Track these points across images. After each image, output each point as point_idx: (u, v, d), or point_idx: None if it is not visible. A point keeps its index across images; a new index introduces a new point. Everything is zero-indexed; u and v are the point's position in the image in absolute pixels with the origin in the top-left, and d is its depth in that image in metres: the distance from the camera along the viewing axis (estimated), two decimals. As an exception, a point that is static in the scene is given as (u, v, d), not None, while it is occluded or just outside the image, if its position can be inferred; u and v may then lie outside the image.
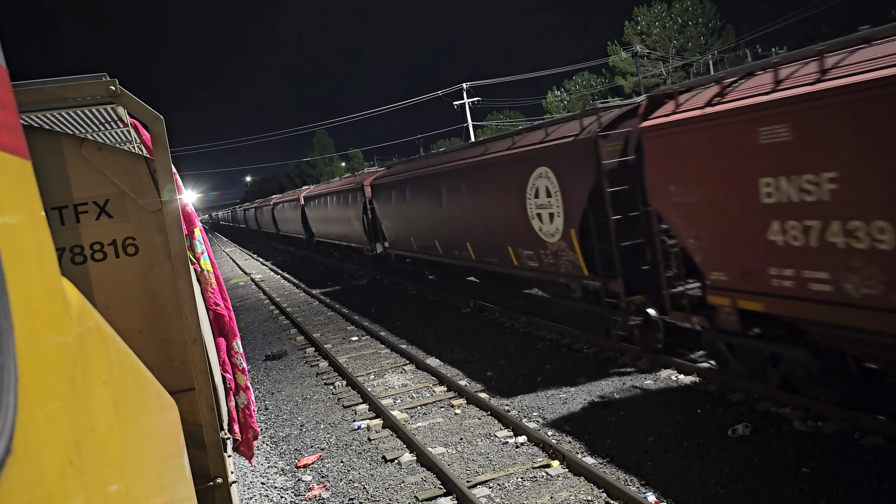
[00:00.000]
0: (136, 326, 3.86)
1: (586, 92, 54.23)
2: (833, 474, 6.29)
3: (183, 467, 2.14)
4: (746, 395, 8.29)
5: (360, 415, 10.08)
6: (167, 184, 3.84)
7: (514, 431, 8.39)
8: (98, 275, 3.78)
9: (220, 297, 4.59)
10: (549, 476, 7.12)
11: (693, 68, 45.63)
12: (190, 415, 3.82)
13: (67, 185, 3.72)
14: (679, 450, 7.26)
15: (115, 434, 1.15)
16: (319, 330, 16.71)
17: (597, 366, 10.50)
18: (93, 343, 1.08)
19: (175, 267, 3.85)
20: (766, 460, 6.73)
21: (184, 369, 3.91)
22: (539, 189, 11.52)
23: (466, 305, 16.50)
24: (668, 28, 47.98)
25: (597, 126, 10.00)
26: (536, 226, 11.86)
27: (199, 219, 4.48)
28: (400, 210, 19.57)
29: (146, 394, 1.62)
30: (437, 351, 12.87)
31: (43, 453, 0.75)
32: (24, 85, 3.48)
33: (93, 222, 3.78)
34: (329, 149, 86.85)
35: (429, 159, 18.84)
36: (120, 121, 4.43)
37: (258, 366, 14.10)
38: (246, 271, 35.46)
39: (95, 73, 3.58)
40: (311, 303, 21.56)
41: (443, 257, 17.28)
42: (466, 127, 45.72)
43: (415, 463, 8.05)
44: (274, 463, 8.83)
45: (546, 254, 11.87)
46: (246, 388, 4.74)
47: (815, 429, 7.21)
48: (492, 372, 11.05)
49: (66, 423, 0.84)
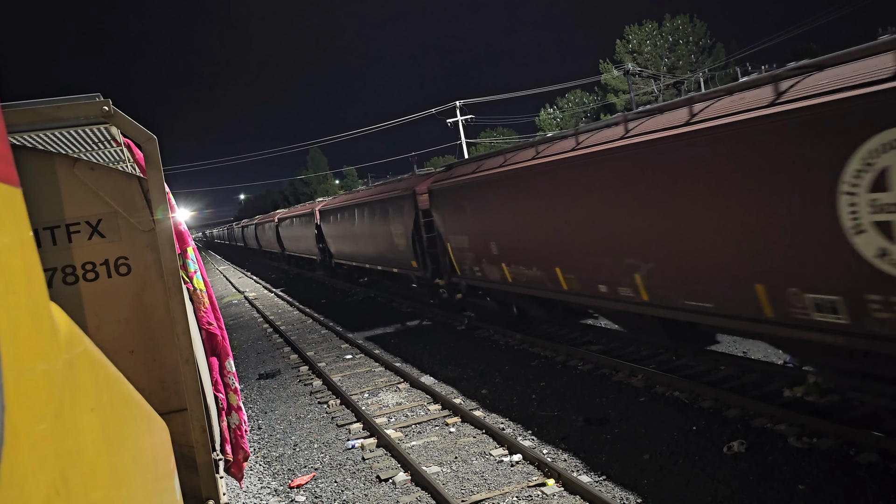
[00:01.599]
0: (127, 347, 3.84)
1: (579, 109, 54.66)
2: (829, 491, 6.27)
3: (173, 489, 2.12)
4: (742, 412, 8.28)
5: (354, 434, 10.01)
6: (160, 203, 3.84)
7: (510, 450, 8.34)
8: (90, 295, 3.76)
9: (213, 316, 4.58)
10: (544, 495, 7.07)
11: (684, 86, 46.10)
12: (182, 436, 3.79)
13: (60, 205, 3.72)
14: (674, 467, 7.23)
15: (102, 459, 1.14)
16: (313, 348, 16.63)
17: (591, 383, 10.47)
18: (81, 369, 1.07)
19: (167, 286, 3.84)
20: (761, 477, 6.71)
21: (176, 389, 3.88)
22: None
23: (461, 323, 16.46)
24: (659, 46, 48.53)
25: None
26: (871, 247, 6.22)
27: (192, 237, 4.47)
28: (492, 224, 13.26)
29: (135, 417, 1.61)
30: (432, 369, 12.82)
31: (28, 484, 0.74)
32: (18, 105, 3.49)
33: (85, 242, 3.77)
34: (323, 166, 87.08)
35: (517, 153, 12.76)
36: (113, 140, 4.44)
37: (251, 385, 14.01)
38: (239, 289, 35.33)
39: (89, 94, 3.59)
40: (304, 321, 21.48)
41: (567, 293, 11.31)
42: (460, 144, 45.93)
43: (409, 482, 7.98)
44: (267, 483, 8.74)
45: None
46: (238, 408, 4.71)
47: (810, 445, 7.19)
48: (486, 390, 11.00)
49: (53, 452, 0.84)
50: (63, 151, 4.61)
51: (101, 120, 3.72)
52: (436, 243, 16.54)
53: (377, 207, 20.11)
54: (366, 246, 22.14)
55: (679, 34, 48.31)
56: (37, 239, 3.66)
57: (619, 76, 47.92)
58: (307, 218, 31.20)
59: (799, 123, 6.33)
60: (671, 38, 48.40)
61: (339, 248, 26.49)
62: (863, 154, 5.79)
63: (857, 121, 5.82)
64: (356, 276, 27.23)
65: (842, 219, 6.01)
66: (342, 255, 26.25)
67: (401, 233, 18.17)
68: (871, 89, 5.77)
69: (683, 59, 48.36)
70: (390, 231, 19.03)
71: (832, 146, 6.04)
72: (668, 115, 8.63)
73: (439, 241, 16.16)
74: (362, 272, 25.74)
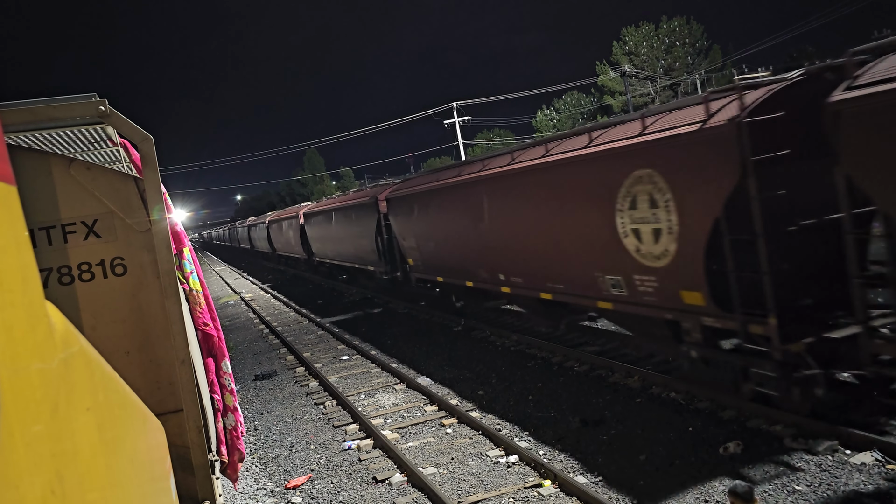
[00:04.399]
0: (123, 347, 3.83)
1: (575, 111, 54.73)
2: (825, 493, 6.28)
3: (169, 490, 2.12)
4: (738, 413, 8.29)
5: (350, 435, 9.99)
6: (156, 203, 3.83)
7: (506, 451, 8.34)
8: (86, 295, 3.75)
9: (209, 316, 4.57)
10: (540, 496, 7.07)
11: (680, 88, 46.22)
12: (178, 437, 3.78)
13: (55, 205, 3.71)
14: (671, 469, 7.24)
15: (98, 460, 1.13)
16: (310, 349, 16.61)
17: (587, 384, 10.48)
18: (77, 368, 1.06)
19: (163, 287, 3.83)
20: (758, 479, 6.72)
21: (172, 390, 3.87)
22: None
23: (457, 324, 16.46)
24: (656, 48, 48.61)
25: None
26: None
27: (188, 238, 4.46)
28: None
29: (132, 417, 1.60)
30: (428, 370, 12.81)
31: (24, 483, 0.73)
32: (14, 105, 3.48)
33: (81, 242, 3.76)
34: (319, 167, 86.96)
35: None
36: (109, 140, 4.43)
37: (248, 386, 13.98)
38: (236, 290, 35.27)
39: (85, 94, 3.58)
40: (301, 321, 21.45)
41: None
42: (457, 145, 45.94)
43: (406, 483, 7.97)
44: (263, 485, 8.72)
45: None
46: (234, 409, 4.70)
47: (806, 446, 7.21)
48: (483, 391, 11.00)
49: (48, 452, 0.83)
50: (59, 151, 4.60)
51: (97, 120, 3.71)
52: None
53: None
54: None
55: (676, 36, 48.41)
56: (32, 239, 3.64)
57: (616, 78, 48.03)
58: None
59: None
60: (668, 40, 48.49)
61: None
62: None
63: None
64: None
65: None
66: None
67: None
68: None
69: (680, 60, 48.46)
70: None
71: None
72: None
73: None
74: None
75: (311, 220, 29.97)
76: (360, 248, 22.29)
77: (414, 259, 18.09)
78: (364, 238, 21.54)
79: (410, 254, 18.19)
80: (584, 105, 55.07)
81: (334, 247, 26.62)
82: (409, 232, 17.78)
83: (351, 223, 22.92)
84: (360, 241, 22.14)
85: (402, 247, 18.70)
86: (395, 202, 18.50)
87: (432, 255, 16.62)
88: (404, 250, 18.67)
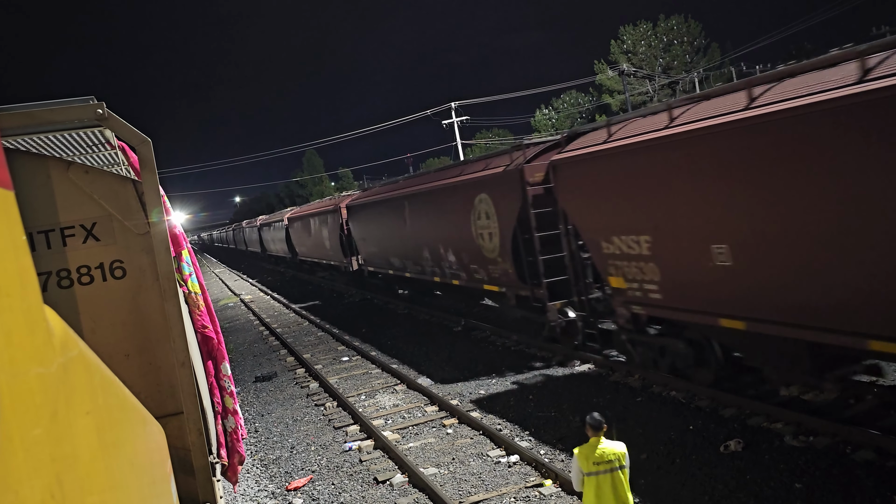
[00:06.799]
0: (123, 350, 3.83)
1: (574, 110, 54.73)
2: (826, 489, 6.28)
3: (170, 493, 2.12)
4: (738, 411, 8.29)
5: (351, 436, 9.99)
6: (155, 206, 3.83)
7: (507, 451, 8.34)
8: (85, 298, 3.75)
9: (209, 319, 4.56)
10: (542, 495, 7.07)
11: (679, 86, 46.22)
12: (178, 439, 3.78)
13: (54, 209, 3.71)
14: (671, 467, 7.24)
15: (98, 463, 1.13)
16: (310, 350, 16.60)
17: (588, 383, 10.48)
18: (76, 372, 1.06)
19: (163, 289, 3.83)
20: (758, 476, 6.72)
21: (172, 393, 3.87)
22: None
23: (457, 324, 16.47)
24: (654, 47, 48.62)
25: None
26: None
27: (187, 240, 4.46)
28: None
29: (131, 421, 1.60)
30: (429, 370, 12.81)
31: (23, 488, 0.73)
32: (11, 108, 3.47)
33: (80, 245, 3.76)
34: (318, 168, 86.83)
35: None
36: (107, 143, 4.43)
37: (248, 387, 13.98)
38: (235, 292, 35.26)
39: (83, 97, 3.58)
40: (300, 323, 21.45)
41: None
42: (455, 145, 45.93)
43: (407, 484, 7.97)
44: (264, 486, 8.71)
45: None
46: (234, 412, 4.70)
47: (806, 444, 7.21)
48: (483, 391, 11.00)
49: (48, 456, 0.83)
50: (57, 155, 4.59)
51: (95, 123, 3.71)
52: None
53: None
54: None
55: (674, 34, 48.41)
56: (31, 243, 3.64)
57: (615, 76, 48.00)
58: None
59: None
60: (666, 39, 48.50)
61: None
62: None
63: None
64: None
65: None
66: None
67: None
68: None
69: (678, 59, 48.47)
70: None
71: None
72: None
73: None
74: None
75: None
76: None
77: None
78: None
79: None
80: (582, 104, 55.08)
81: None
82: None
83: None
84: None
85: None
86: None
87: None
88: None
